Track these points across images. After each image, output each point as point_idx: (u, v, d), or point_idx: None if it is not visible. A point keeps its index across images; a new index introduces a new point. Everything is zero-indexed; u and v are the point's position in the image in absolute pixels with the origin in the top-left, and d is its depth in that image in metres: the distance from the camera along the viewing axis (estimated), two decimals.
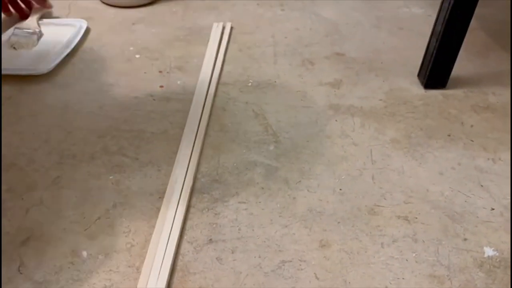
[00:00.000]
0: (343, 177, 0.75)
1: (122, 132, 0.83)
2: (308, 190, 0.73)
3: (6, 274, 0.60)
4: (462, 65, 0.99)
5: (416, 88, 0.96)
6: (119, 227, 0.67)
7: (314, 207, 0.70)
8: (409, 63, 1.02)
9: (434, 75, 0.93)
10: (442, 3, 0.86)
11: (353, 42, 1.11)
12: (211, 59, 1.02)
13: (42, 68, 0.97)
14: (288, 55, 1.06)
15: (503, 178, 0.75)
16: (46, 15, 1.17)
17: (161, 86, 0.95)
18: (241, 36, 1.13)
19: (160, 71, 1.00)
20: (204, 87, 0.94)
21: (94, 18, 1.18)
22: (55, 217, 0.68)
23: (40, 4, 1.15)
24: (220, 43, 1.08)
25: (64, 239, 0.65)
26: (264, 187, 0.73)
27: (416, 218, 0.69)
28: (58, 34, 1.10)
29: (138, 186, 0.73)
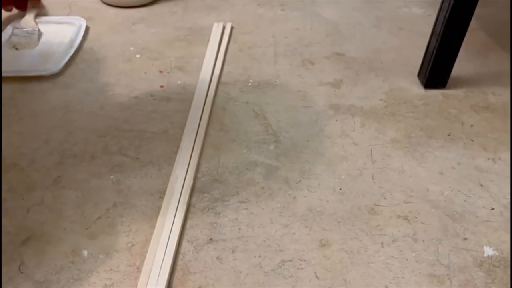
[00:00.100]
0: (343, 176, 0.75)
1: (123, 132, 0.83)
2: (308, 190, 0.73)
3: (7, 274, 0.60)
4: (462, 65, 0.99)
5: (416, 88, 0.96)
6: (119, 227, 0.67)
7: (314, 207, 0.70)
8: (409, 63, 1.02)
9: (434, 75, 0.93)
10: (442, 3, 0.86)
11: (353, 42, 1.11)
12: (212, 59, 1.02)
13: (52, 68, 0.97)
14: (288, 55, 1.06)
15: (503, 177, 0.75)
16: (42, 14, 1.17)
17: (161, 86, 0.95)
18: (241, 36, 1.13)
19: (160, 71, 1.00)
20: (204, 87, 0.94)
21: (94, 18, 1.18)
22: (56, 216, 0.68)
23: (33, 3, 1.14)
24: (220, 43, 1.08)
25: (64, 239, 0.65)
26: (265, 187, 0.73)
27: (416, 217, 0.69)
28: (59, 33, 1.10)
29: (139, 185, 0.73)
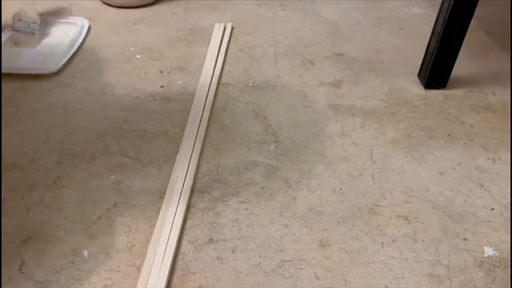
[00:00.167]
0: (343, 176, 0.75)
1: (123, 132, 0.83)
2: (308, 190, 0.73)
3: (7, 274, 0.60)
4: (462, 65, 0.99)
5: (416, 88, 0.96)
6: (119, 227, 0.67)
7: (314, 207, 0.70)
8: (409, 63, 1.02)
9: (434, 75, 0.93)
10: (442, 3, 0.86)
11: (353, 42, 1.11)
12: (212, 59, 1.02)
13: (51, 67, 0.98)
14: (288, 55, 1.06)
15: (503, 177, 0.75)
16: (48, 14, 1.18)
17: (161, 86, 0.95)
18: (241, 37, 1.13)
19: (161, 71, 1.00)
20: (204, 87, 0.94)
21: (94, 18, 1.18)
22: (56, 216, 0.68)
23: None
24: (221, 44, 1.08)
25: (64, 239, 0.65)
26: (265, 187, 0.73)
27: (416, 217, 0.69)
28: (61, 32, 1.11)
29: (139, 185, 0.73)
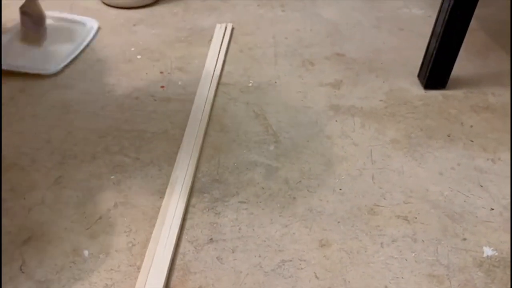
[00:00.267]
0: (343, 177, 0.75)
1: (123, 132, 0.84)
2: (308, 190, 0.73)
3: (8, 273, 0.60)
4: (462, 65, 0.99)
5: (416, 89, 0.96)
6: (120, 227, 0.67)
7: (314, 207, 0.70)
8: (409, 63, 1.02)
9: (434, 75, 0.94)
10: (442, 4, 0.86)
11: (353, 42, 1.11)
12: (213, 59, 1.02)
13: (51, 68, 0.98)
14: (288, 55, 1.06)
15: (502, 178, 0.76)
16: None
17: (162, 87, 0.96)
18: (242, 37, 1.13)
19: (161, 72, 1.00)
20: (205, 87, 0.94)
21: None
22: (57, 216, 0.68)
23: None
24: (221, 44, 1.08)
25: (65, 239, 0.65)
26: (265, 187, 0.73)
27: (416, 218, 0.69)
28: (68, 32, 1.11)
29: (139, 186, 0.73)
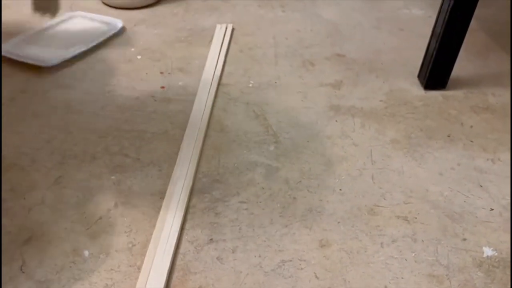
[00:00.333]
0: (343, 177, 0.76)
1: (124, 132, 0.84)
2: (308, 190, 0.73)
3: (9, 273, 0.61)
4: (462, 66, 0.99)
5: (416, 89, 0.96)
6: (120, 227, 0.67)
7: (314, 207, 0.70)
8: (409, 64, 1.03)
9: (434, 76, 0.94)
10: (442, 4, 0.86)
11: (353, 43, 1.12)
12: (214, 60, 1.03)
13: (51, 60, 0.98)
14: (288, 56, 1.07)
15: (502, 178, 0.76)
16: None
17: (162, 87, 0.96)
18: (242, 37, 1.13)
19: (161, 72, 1.00)
20: (205, 88, 0.94)
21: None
22: (57, 216, 0.68)
23: None
24: (222, 45, 1.09)
25: (65, 239, 0.65)
26: (265, 187, 0.74)
27: (416, 218, 0.69)
28: (83, 29, 1.12)
29: (139, 186, 0.73)
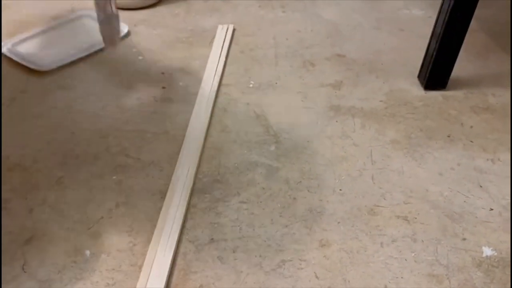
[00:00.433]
0: (343, 177, 0.76)
1: (125, 132, 0.84)
2: (308, 190, 0.73)
3: (11, 273, 0.61)
4: (462, 66, 0.99)
5: (416, 89, 0.96)
6: (121, 227, 0.67)
7: (314, 207, 0.71)
8: (409, 64, 1.03)
9: (434, 76, 0.94)
10: (442, 4, 0.87)
11: (353, 43, 1.12)
12: (215, 60, 1.03)
13: (46, 65, 0.98)
14: (289, 56, 1.07)
15: (502, 178, 0.76)
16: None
17: (163, 87, 0.96)
18: (243, 38, 1.13)
19: (162, 73, 1.01)
20: (206, 88, 0.94)
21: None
22: (59, 216, 0.69)
23: None
24: (223, 45, 1.09)
25: (67, 238, 0.66)
26: (265, 187, 0.74)
27: (416, 218, 0.69)
28: (90, 32, 1.10)
29: (140, 186, 0.74)
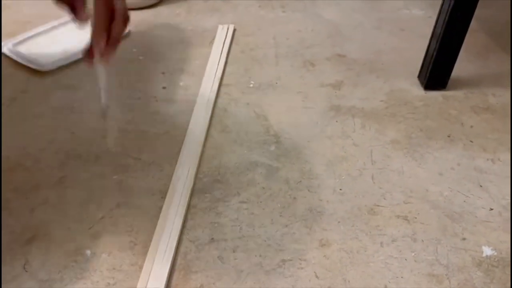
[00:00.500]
0: (343, 177, 0.76)
1: (126, 132, 0.84)
2: (308, 190, 0.74)
3: (12, 272, 0.61)
4: (462, 66, 0.99)
5: (417, 89, 0.96)
6: (122, 226, 0.68)
7: (314, 207, 0.71)
8: (409, 64, 1.03)
9: (434, 76, 0.94)
10: (442, 5, 0.87)
11: (354, 43, 1.12)
12: (216, 60, 1.03)
13: (49, 65, 0.99)
14: (289, 56, 1.07)
15: (502, 178, 0.76)
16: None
17: (163, 87, 0.96)
18: (243, 38, 1.13)
19: (162, 73, 1.01)
20: (206, 88, 0.95)
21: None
22: (60, 216, 0.69)
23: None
24: (223, 45, 1.09)
25: (68, 238, 0.66)
26: (265, 187, 0.74)
27: (416, 218, 0.69)
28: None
29: (141, 186, 0.74)
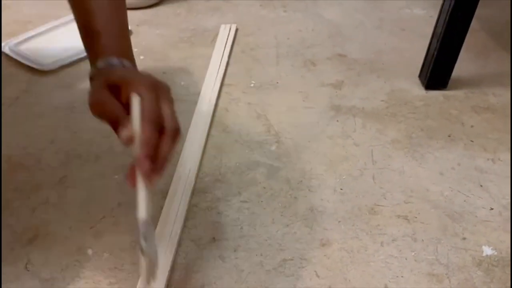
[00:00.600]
0: (344, 177, 0.76)
1: None
2: (309, 190, 0.74)
3: (14, 272, 0.61)
4: (463, 66, 0.99)
5: (417, 89, 0.96)
6: (123, 226, 0.68)
7: (315, 207, 0.71)
8: (410, 64, 1.03)
9: (435, 76, 0.94)
10: (443, 4, 0.87)
11: (355, 43, 1.12)
12: (218, 60, 1.03)
13: (50, 65, 0.99)
14: (290, 56, 1.07)
15: (502, 178, 0.76)
16: None
17: None
18: (244, 38, 1.14)
19: (164, 72, 1.01)
20: (208, 88, 0.95)
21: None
22: (61, 215, 0.69)
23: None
24: (225, 45, 1.09)
25: (70, 238, 0.66)
26: (266, 187, 0.74)
27: (416, 217, 0.69)
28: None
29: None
